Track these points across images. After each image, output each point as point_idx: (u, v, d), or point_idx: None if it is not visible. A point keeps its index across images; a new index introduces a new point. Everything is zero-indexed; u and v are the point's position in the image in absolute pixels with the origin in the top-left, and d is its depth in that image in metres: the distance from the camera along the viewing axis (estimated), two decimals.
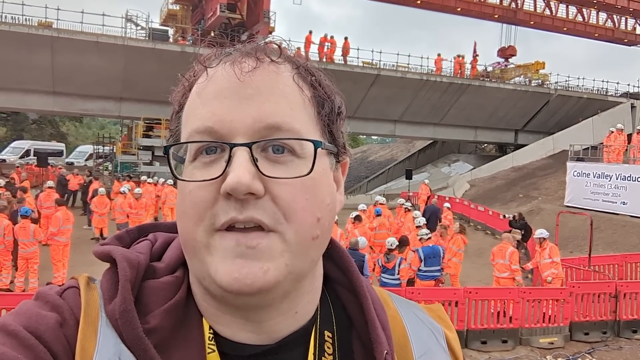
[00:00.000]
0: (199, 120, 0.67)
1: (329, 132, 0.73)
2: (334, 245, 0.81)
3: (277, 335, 0.72)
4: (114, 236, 0.79)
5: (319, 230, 0.68)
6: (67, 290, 0.70)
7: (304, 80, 0.71)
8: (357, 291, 0.78)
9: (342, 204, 0.77)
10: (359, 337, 0.77)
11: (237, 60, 0.68)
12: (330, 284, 0.81)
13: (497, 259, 10.88)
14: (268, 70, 0.68)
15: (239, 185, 0.62)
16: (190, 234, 0.67)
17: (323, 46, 30.94)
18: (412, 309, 0.87)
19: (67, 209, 13.04)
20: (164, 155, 0.71)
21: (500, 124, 37.26)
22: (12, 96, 26.49)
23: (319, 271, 0.77)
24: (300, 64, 0.72)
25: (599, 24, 42.51)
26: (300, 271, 0.68)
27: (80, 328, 0.65)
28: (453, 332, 0.88)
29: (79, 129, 64.45)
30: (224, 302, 0.68)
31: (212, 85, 0.68)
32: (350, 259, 0.82)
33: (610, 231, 18.64)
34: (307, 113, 0.69)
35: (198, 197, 0.65)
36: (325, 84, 0.74)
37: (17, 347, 0.60)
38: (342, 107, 0.76)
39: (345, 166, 0.80)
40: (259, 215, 0.63)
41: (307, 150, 0.67)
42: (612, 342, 9.67)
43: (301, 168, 0.66)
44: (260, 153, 0.65)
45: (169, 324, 0.68)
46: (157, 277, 0.72)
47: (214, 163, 0.66)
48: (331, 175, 0.73)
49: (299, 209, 0.65)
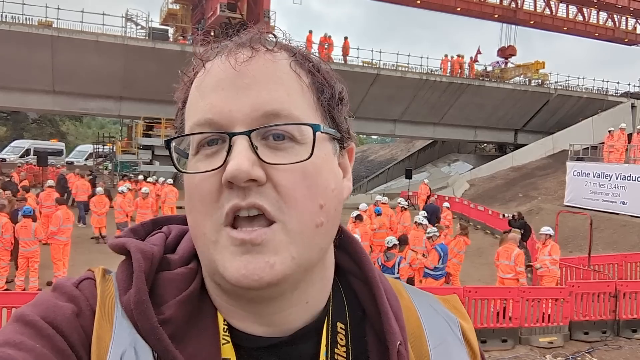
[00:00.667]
0: (199, 113, 0.68)
1: (330, 117, 0.73)
2: (346, 235, 0.81)
3: (289, 327, 0.72)
4: (129, 229, 0.80)
5: (323, 217, 0.68)
6: (84, 282, 0.72)
7: (302, 66, 0.71)
8: (370, 281, 0.78)
9: (349, 190, 0.77)
10: (372, 328, 0.76)
11: (233, 51, 0.69)
12: (343, 275, 0.81)
13: (502, 259, 10.82)
14: (264, 59, 0.68)
15: (239, 172, 0.62)
16: (199, 229, 0.68)
17: (323, 46, 30.94)
18: (426, 299, 0.86)
19: (67, 208, 13.05)
20: (166, 148, 0.71)
21: (500, 123, 37.24)
22: (12, 95, 26.47)
23: (330, 261, 0.77)
24: (296, 51, 0.72)
25: (599, 23, 42.48)
26: (308, 261, 0.68)
27: (96, 318, 0.66)
28: (469, 322, 0.87)
29: (78, 128, 64.41)
30: (235, 295, 0.69)
31: (210, 77, 0.69)
32: (362, 249, 0.82)
33: (610, 231, 18.64)
34: (305, 99, 0.69)
35: (204, 190, 0.66)
36: (324, 70, 0.74)
37: (35, 336, 0.62)
38: (343, 93, 0.76)
39: (351, 152, 0.79)
40: (260, 201, 0.64)
41: (307, 136, 0.67)
42: (611, 342, 9.67)
43: (302, 154, 0.66)
44: (260, 141, 0.65)
45: (183, 315, 0.68)
46: (171, 269, 0.73)
47: (216, 154, 0.66)
48: (335, 161, 0.73)
49: (300, 196, 0.65)
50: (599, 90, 39.95)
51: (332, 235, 0.73)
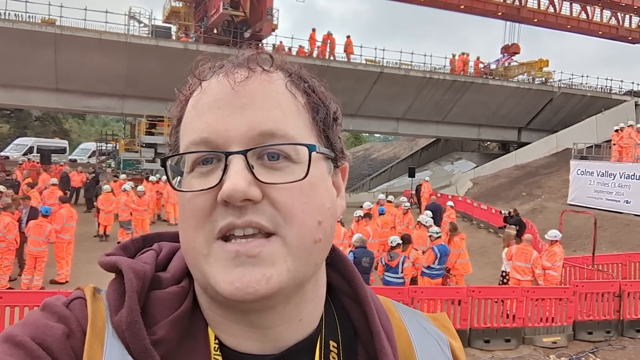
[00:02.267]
0: (195, 132, 0.68)
1: (325, 137, 0.73)
2: (338, 254, 0.82)
3: (282, 344, 0.72)
4: (119, 246, 0.79)
5: (321, 233, 0.68)
6: (74, 301, 0.71)
7: (297, 87, 0.71)
8: (362, 301, 0.78)
9: (343, 209, 0.77)
10: (364, 347, 0.77)
11: (230, 71, 0.69)
12: (335, 294, 0.81)
13: (518, 261, 10.66)
14: (260, 79, 0.69)
15: (235, 192, 0.62)
16: (190, 244, 0.68)
17: (326, 44, 30.90)
18: (416, 318, 0.87)
19: (70, 206, 13.08)
20: (162, 166, 0.72)
21: (504, 122, 37.19)
22: (15, 93, 26.53)
23: (322, 279, 0.77)
24: (292, 72, 0.72)
25: (603, 21, 42.29)
26: (302, 276, 0.68)
27: (87, 339, 0.65)
28: (458, 341, 0.88)
29: (82, 126, 64.56)
30: (229, 308, 0.69)
31: (206, 96, 0.69)
32: (354, 268, 0.82)
33: (614, 230, 18.60)
34: (301, 119, 0.70)
35: (197, 206, 0.66)
36: (319, 90, 0.74)
37: (25, 358, 0.61)
38: (337, 113, 0.76)
39: (345, 171, 0.79)
40: (257, 219, 0.64)
41: (303, 155, 0.67)
42: (615, 342, 9.66)
43: (298, 173, 0.66)
44: (256, 160, 0.65)
45: (175, 335, 0.68)
46: (162, 288, 0.72)
47: (211, 173, 0.66)
48: (329, 180, 0.73)
49: (299, 212, 0.66)
50: (603, 88, 39.85)
51: (327, 251, 0.74)
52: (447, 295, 9.36)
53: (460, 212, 22.41)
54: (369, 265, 10.21)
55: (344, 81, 29.16)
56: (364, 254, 10.15)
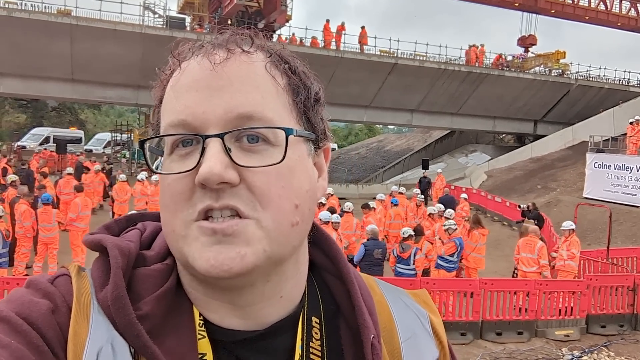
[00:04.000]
0: (173, 113, 0.68)
1: (306, 118, 0.73)
2: (320, 232, 0.83)
3: (264, 320, 0.73)
4: (102, 226, 0.80)
5: (298, 216, 0.69)
6: (59, 278, 0.72)
7: (277, 68, 0.71)
8: (344, 277, 0.80)
9: (324, 189, 0.78)
10: (346, 323, 0.78)
11: (209, 52, 0.69)
12: (317, 271, 0.83)
13: (524, 252, 10.61)
14: (239, 61, 0.68)
15: (211, 175, 0.63)
16: (169, 226, 0.69)
17: (340, 35, 30.75)
18: (397, 294, 0.89)
19: (85, 195, 13.21)
20: (140, 148, 0.73)
21: (519, 114, 36.80)
22: (32, 83, 26.80)
23: (304, 257, 0.78)
24: (273, 52, 0.72)
25: (622, 12, 41.60)
26: (279, 256, 0.69)
27: (73, 315, 0.66)
28: (438, 316, 0.90)
29: (97, 117, 65.01)
30: (210, 286, 0.70)
31: (185, 78, 0.69)
32: (337, 246, 0.84)
33: (629, 224, 18.40)
34: (280, 101, 0.70)
35: (176, 190, 0.67)
36: (301, 71, 0.74)
37: (10, 332, 0.61)
38: (319, 93, 0.76)
39: (327, 151, 0.79)
40: (234, 202, 0.65)
41: (281, 139, 0.67)
42: (629, 336, 9.58)
43: (276, 156, 0.66)
44: (234, 143, 0.66)
45: (160, 311, 0.69)
46: (147, 265, 0.73)
47: (190, 155, 0.67)
48: (310, 162, 0.74)
49: (275, 196, 0.66)
50: (621, 80, 39.24)
51: (306, 233, 0.74)
52: (460, 287, 9.34)
53: (474, 204, 22.28)
54: (382, 257, 10.19)
55: (358, 72, 29.01)
56: (376, 245, 10.14)
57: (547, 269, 10.54)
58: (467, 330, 9.06)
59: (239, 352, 0.71)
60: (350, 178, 39.80)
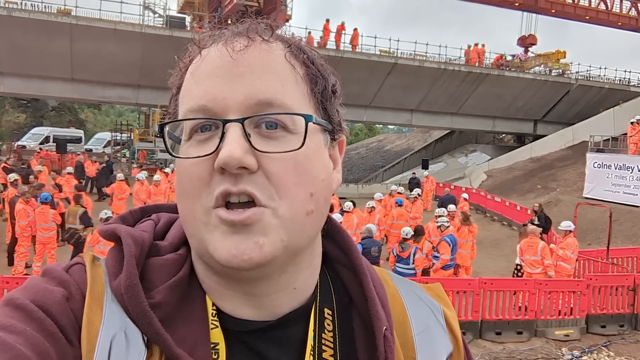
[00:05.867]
0: (193, 99, 0.69)
1: (323, 109, 0.74)
2: (334, 224, 0.83)
3: (277, 311, 0.73)
4: (118, 216, 0.81)
5: (313, 205, 0.69)
6: (73, 267, 0.72)
7: (296, 58, 0.72)
8: (357, 269, 0.80)
9: (339, 182, 0.78)
10: (358, 314, 0.78)
11: (230, 40, 0.70)
12: (330, 263, 0.83)
13: (528, 255, 10.55)
14: (260, 49, 0.69)
15: (231, 159, 0.63)
16: (189, 212, 0.69)
17: (340, 34, 30.76)
18: (411, 287, 0.89)
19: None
20: (159, 132, 0.73)
21: (519, 114, 36.83)
22: (31, 83, 26.83)
23: (318, 249, 0.79)
24: (292, 43, 0.73)
25: (623, 12, 41.58)
26: (296, 246, 0.69)
27: (87, 302, 0.67)
28: (452, 310, 0.89)
29: (97, 116, 65.05)
30: (225, 276, 0.70)
31: (205, 65, 0.70)
32: (350, 239, 0.84)
33: (629, 224, 18.39)
34: (299, 90, 0.70)
35: (195, 174, 0.67)
36: (319, 62, 0.75)
37: (25, 319, 0.62)
38: (336, 86, 0.77)
39: (342, 144, 0.80)
40: (251, 189, 0.65)
41: (300, 126, 0.68)
42: (629, 335, 9.58)
43: (294, 143, 0.67)
44: (253, 129, 0.66)
45: (173, 300, 0.69)
46: (160, 255, 0.73)
47: (209, 140, 0.67)
48: (326, 152, 0.74)
49: (291, 184, 0.66)
50: (621, 80, 39.27)
51: (321, 223, 0.74)
52: (459, 287, 9.33)
53: (473, 204, 22.28)
54: (378, 255, 10.34)
55: (358, 72, 29.01)
56: (373, 243, 10.30)
57: (552, 268, 10.50)
58: (466, 330, 9.05)
59: (251, 342, 0.72)
60: (350, 178, 39.82)
